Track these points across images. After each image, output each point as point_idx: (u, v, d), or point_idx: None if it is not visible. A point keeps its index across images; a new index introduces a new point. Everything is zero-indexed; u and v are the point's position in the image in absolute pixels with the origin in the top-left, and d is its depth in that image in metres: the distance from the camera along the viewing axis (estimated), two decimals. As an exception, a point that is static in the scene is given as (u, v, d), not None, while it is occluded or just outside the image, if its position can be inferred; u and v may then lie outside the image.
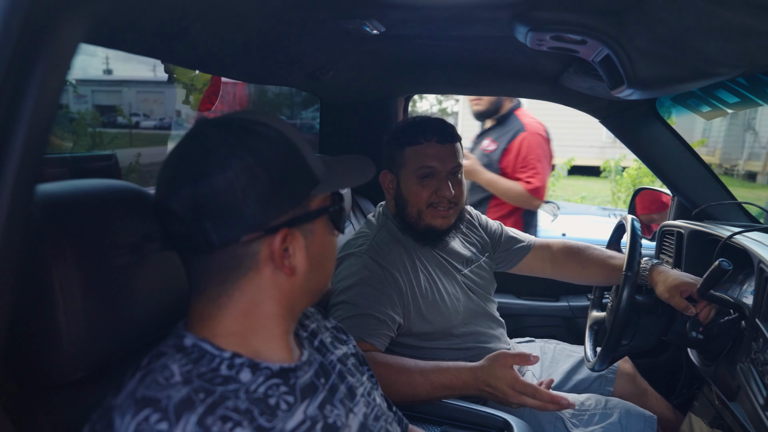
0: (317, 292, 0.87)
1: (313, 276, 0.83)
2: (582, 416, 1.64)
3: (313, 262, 0.82)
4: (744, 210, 2.04)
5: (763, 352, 1.32)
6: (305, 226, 0.80)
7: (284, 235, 0.77)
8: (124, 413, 0.65)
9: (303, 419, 0.77)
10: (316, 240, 0.82)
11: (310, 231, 0.81)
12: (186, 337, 0.77)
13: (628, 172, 7.21)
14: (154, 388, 0.67)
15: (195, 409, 0.67)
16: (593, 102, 1.98)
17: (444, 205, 1.62)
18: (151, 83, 12.65)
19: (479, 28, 1.33)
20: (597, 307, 1.97)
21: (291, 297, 0.82)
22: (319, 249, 0.83)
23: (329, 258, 0.87)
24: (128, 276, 0.82)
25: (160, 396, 0.66)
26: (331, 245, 0.87)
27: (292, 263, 0.79)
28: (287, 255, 0.78)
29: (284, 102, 15.73)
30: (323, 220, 0.84)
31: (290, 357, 0.84)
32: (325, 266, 0.86)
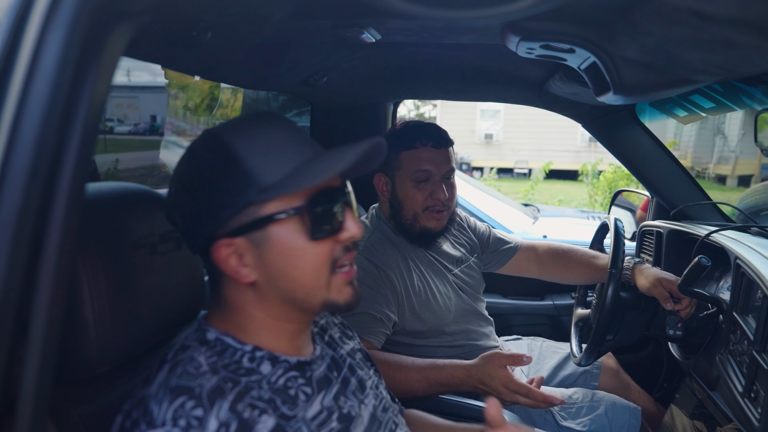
0: (300, 301, 0.81)
1: (281, 285, 0.79)
2: (570, 409, 1.71)
3: (274, 271, 0.79)
4: (719, 210, 2.13)
5: (740, 343, 1.40)
6: (254, 234, 0.77)
7: (223, 246, 0.77)
8: (161, 401, 0.69)
9: (320, 409, 0.82)
10: (272, 248, 0.77)
11: (263, 239, 0.77)
12: (209, 331, 0.81)
13: (604, 176, 7.37)
14: (186, 377, 0.71)
15: (226, 396, 0.71)
16: (576, 107, 2.06)
17: (438, 208, 1.68)
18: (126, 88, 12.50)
19: (471, 36, 1.39)
20: (582, 305, 2.04)
21: (271, 304, 0.81)
22: (277, 257, 0.78)
23: (298, 267, 0.78)
24: (149, 274, 0.86)
25: (192, 385, 0.70)
26: (298, 253, 0.78)
27: (247, 273, 0.78)
28: (243, 263, 0.78)
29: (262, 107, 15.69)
30: (283, 226, 0.77)
31: (304, 352, 0.88)
32: (292, 275, 0.79)
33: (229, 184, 0.76)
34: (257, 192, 0.76)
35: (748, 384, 1.28)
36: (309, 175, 0.76)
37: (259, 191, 0.76)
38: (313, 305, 0.82)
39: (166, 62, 1.14)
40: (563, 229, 4.08)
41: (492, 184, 9.17)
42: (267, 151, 0.78)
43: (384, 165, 1.72)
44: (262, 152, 0.78)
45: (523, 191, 8.21)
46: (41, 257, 0.52)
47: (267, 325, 0.83)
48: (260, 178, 0.76)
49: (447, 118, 18.33)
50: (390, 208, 1.74)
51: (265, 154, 0.78)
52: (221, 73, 1.37)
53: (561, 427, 1.67)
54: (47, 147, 0.51)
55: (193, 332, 0.82)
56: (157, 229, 0.89)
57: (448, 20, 1.17)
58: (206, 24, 0.99)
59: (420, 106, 24.96)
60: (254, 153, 0.78)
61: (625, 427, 1.67)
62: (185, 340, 0.80)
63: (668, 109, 1.94)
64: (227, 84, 1.46)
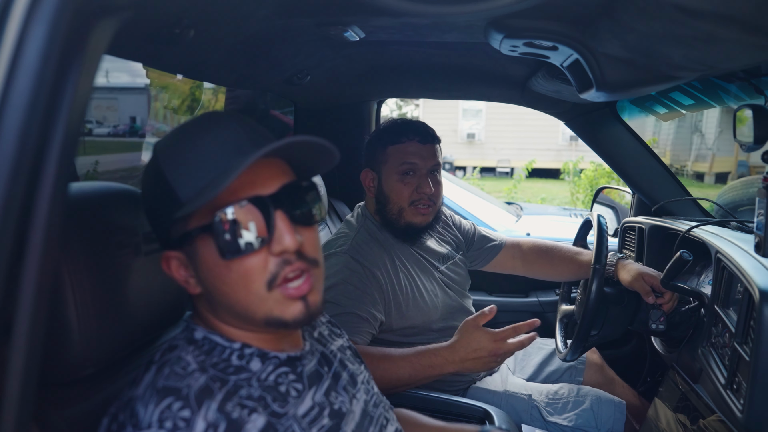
0: (243, 316, 0.78)
1: (219, 299, 0.77)
2: (556, 404, 1.72)
3: (207, 286, 0.77)
4: (699, 205, 2.17)
5: (722, 336, 1.42)
6: (184, 249, 0.76)
7: (167, 258, 0.78)
8: (147, 403, 0.68)
9: (312, 405, 0.81)
10: (201, 264, 0.75)
11: (192, 254, 0.76)
12: (196, 331, 0.80)
13: (585, 174, 7.44)
14: (174, 378, 0.70)
15: (214, 396, 0.70)
16: (559, 105, 2.07)
17: (424, 203, 1.69)
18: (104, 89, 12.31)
19: (455, 35, 1.40)
20: (566, 301, 2.05)
21: (225, 315, 0.79)
22: (206, 273, 0.76)
23: (225, 283, 0.74)
24: (134, 274, 0.85)
25: (180, 385, 0.69)
26: (221, 269, 0.74)
27: (192, 284, 0.79)
28: (190, 275, 0.78)
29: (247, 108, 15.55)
30: (205, 242, 0.74)
31: (294, 348, 0.87)
32: (224, 291, 0.75)
33: (155, 199, 0.77)
34: (177, 207, 0.73)
35: (730, 376, 1.29)
36: (211, 188, 0.70)
37: (178, 206, 0.73)
38: (256, 320, 0.77)
39: (148, 60, 1.12)
40: (546, 227, 4.11)
41: (475, 183, 9.21)
42: (187, 162, 0.75)
43: (371, 160, 1.73)
44: (182, 164, 0.75)
45: (506, 190, 8.27)
46: (24, 258, 0.51)
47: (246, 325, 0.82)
48: (178, 192, 0.74)
49: (429, 118, 18.19)
50: (376, 203, 1.74)
51: (184, 166, 0.75)
52: (204, 71, 1.36)
53: (547, 422, 1.68)
54: (30, 145, 0.50)
55: (180, 332, 0.81)
56: (141, 229, 0.88)
57: (431, 17, 1.18)
58: (189, 21, 0.98)
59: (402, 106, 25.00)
60: (175, 165, 0.75)
61: (610, 421, 1.69)
62: (173, 340, 0.79)
63: (648, 106, 1.97)
64: (210, 83, 1.44)
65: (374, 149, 1.72)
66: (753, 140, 1.15)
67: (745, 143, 1.20)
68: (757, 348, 1.18)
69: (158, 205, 0.76)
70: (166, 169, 0.75)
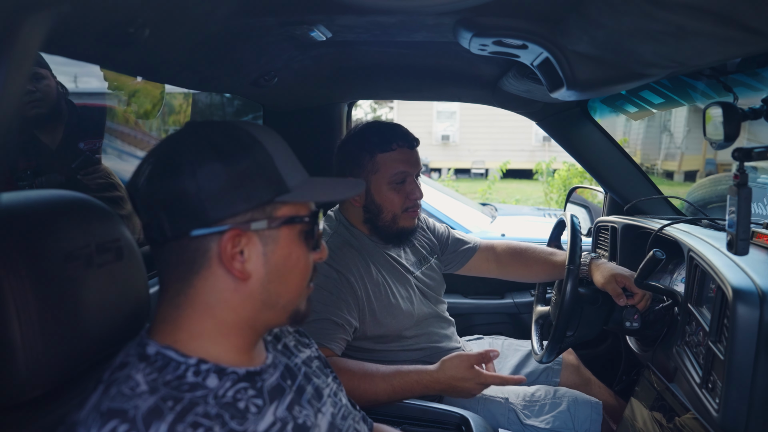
0: (280, 309, 0.83)
1: (272, 287, 0.80)
2: (533, 407, 1.70)
3: (272, 272, 0.80)
4: (670, 204, 2.18)
5: (696, 334, 1.42)
6: (265, 232, 0.78)
7: (235, 236, 0.76)
8: (90, 427, 0.63)
9: (273, 421, 0.77)
10: (278, 249, 0.80)
11: (272, 238, 0.79)
12: (149, 345, 0.75)
13: (558, 174, 7.51)
14: (120, 399, 0.66)
15: (164, 417, 0.65)
16: (530, 105, 2.07)
17: (415, 207, 1.70)
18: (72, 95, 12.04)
19: (424, 34, 1.37)
20: (541, 302, 2.05)
21: (248, 306, 0.80)
22: (280, 259, 0.80)
23: (293, 272, 0.82)
24: (85, 288, 0.80)
25: (126, 407, 0.65)
26: (297, 259, 0.82)
27: (245, 267, 0.77)
28: (241, 258, 0.77)
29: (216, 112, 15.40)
30: (292, 231, 0.81)
31: (255, 361, 0.83)
32: (287, 279, 0.82)
33: (258, 177, 0.77)
34: (280, 192, 0.78)
35: (705, 375, 1.29)
36: (325, 192, 0.85)
37: (282, 192, 0.78)
38: (286, 313, 0.84)
39: (101, 61, 1.07)
40: (521, 227, 4.13)
41: (450, 184, 9.23)
42: (287, 157, 0.82)
43: (355, 168, 1.67)
44: (284, 157, 0.82)
45: (480, 191, 8.30)
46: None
47: (227, 332, 0.79)
48: (286, 180, 0.79)
49: (404, 120, 18.30)
50: (365, 213, 1.70)
51: (286, 159, 0.82)
52: (163, 73, 1.30)
53: (525, 425, 1.66)
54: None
55: (133, 347, 0.76)
56: (94, 240, 0.83)
57: (397, 13, 1.15)
58: (144, 20, 0.93)
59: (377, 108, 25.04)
60: (280, 155, 0.81)
61: (587, 422, 1.68)
62: (124, 357, 0.75)
63: (619, 105, 1.97)
64: (171, 85, 1.39)
65: (358, 157, 1.66)
66: (723, 138, 1.14)
67: (715, 141, 1.19)
68: (731, 347, 1.17)
69: (257, 183, 0.77)
70: (274, 155, 0.79)
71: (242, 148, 0.77)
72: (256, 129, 0.81)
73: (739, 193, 1.14)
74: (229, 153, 0.76)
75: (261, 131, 0.81)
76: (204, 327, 0.78)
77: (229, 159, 0.75)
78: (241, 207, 0.76)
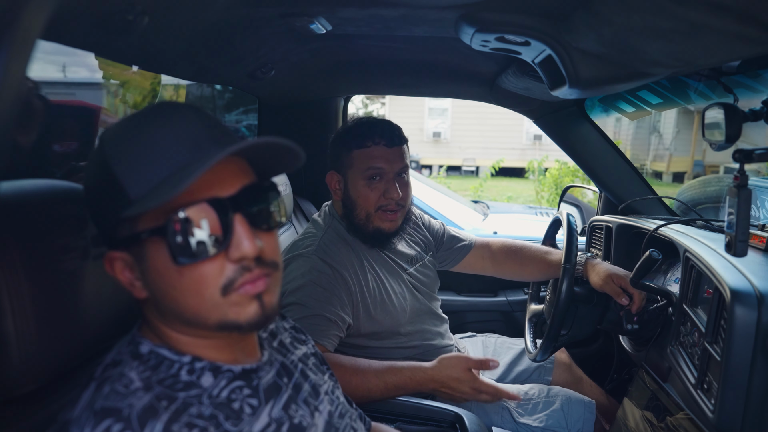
0: (193, 322, 0.72)
1: (167, 305, 0.71)
2: (527, 405, 1.70)
3: (155, 291, 0.71)
4: (664, 204, 2.19)
5: (691, 335, 1.42)
6: (133, 249, 0.70)
7: (109, 260, 0.71)
8: (83, 426, 0.61)
9: (268, 422, 0.76)
10: (150, 267, 0.69)
11: (140, 256, 0.70)
12: (142, 344, 0.74)
13: (550, 173, 7.53)
14: (114, 397, 0.64)
15: (159, 416, 0.64)
16: (528, 103, 2.06)
17: (392, 208, 1.64)
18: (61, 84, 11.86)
19: (425, 29, 1.35)
20: (535, 301, 2.04)
21: (174, 321, 0.73)
22: (155, 277, 0.70)
23: (177, 288, 0.69)
24: (80, 280, 0.78)
25: (121, 405, 0.63)
26: (175, 274, 0.68)
27: (138, 288, 0.72)
28: (136, 278, 0.72)
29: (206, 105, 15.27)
30: (156, 244, 0.68)
31: (249, 359, 0.81)
32: (174, 297, 0.70)
33: (100, 194, 0.70)
34: (125, 205, 0.67)
35: (700, 375, 1.29)
36: (167, 188, 0.65)
37: (127, 205, 0.67)
38: (208, 326, 0.72)
39: (99, 49, 1.04)
40: (513, 225, 4.13)
41: (442, 181, 9.23)
42: (138, 155, 0.69)
43: (336, 163, 1.66)
44: (133, 158, 0.69)
45: (472, 188, 8.30)
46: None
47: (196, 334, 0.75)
48: (128, 190, 0.67)
49: (395, 116, 18.23)
50: (343, 207, 1.69)
51: (135, 160, 0.68)
52: (161, 63, 1.28)
53: (518, 424, 1.66)
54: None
55: (125, 345, 0.74)
56: (90, 231, 0.81)
57: (401, 7, 1.13)
58: (144, 7, 0.91)
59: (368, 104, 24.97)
60: (124, 158, 0.69)
61: (580, 421, 1.68)
62: (117, 354, 0.72)
63: (617, 104, 1.97)
64: (168, 75, 1.36)
65: (339, 152, 1.65)
66: (724, 139, 1.14)
67: (716, 142, 1.19)
68: (728, 348, 1.18)
69: (103, 201, 0.69)
70: (114, 162, 0.68)
71: (91, 164, 0.72)
72: (111, 132, 0.71)
73: (739, 195, 1.14)
74: (88, 172, 0.72)
75: (114, 133, 0.71)
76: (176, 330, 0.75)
77: (87, 179, 0.72)
78: (105, 228, 0.71)
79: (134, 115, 0.73)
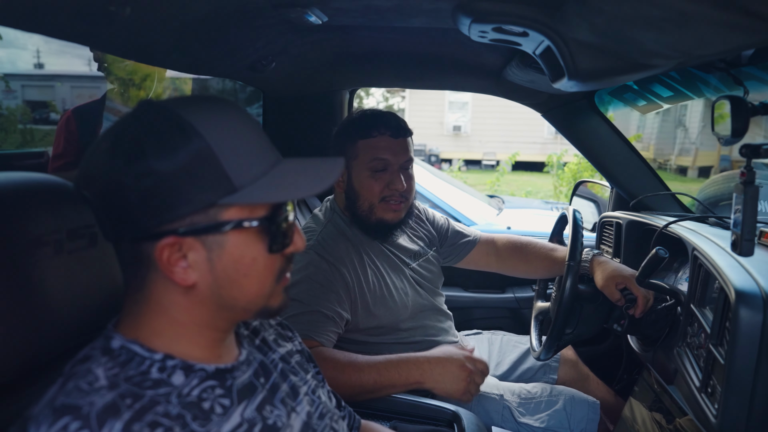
0: (241, 310, 0.77)
1: (224, 292, 0.74)
2: (528, 404, 1.67)
3: (221, 278, 0.73)
4: (678, 200, 2.12)
5: (697, 336, 1.37)
6: (209, 237, 0.71)
7: (171, 244, 0.69)
8: (40, 423, 0.60)
9: (240, 422, 0.74)
10: (226, 254, 0.72)
11: (217, 243, 0.71)
12: (114, 339, 0.72)
13: (569, 167, 7.41)
14: (76, 394, 0.63)
15: (121, 415, 0.62)
16: (535, 96, 2.01)
17: (396, 199, 1.62)
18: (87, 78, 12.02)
19: (422, 20, 1.32)
20: (542, 298, 2.00)
21: (203, 309, 0.75)
22: (229, 264, 0.72)
23: (249, 276, 0.74)
24: (52, 275, 0.77)
25: (81, 403, 0.62)
26: (252, 262, 0.74)
27: (188, 275, 0.71)
28: (184, 264, 0.71)
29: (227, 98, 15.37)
30: (245, 233, 0.72)
31: (226, 358, 0.80)
32: (241, 284, 0.74)
33: (197, 176, 0.68)
34: (226, 193, 0.69)
35: (705, 378, 1.25)
36: (286, 187, 0.72)
37: (229, 193, 0.69)
38: (250, 312, 0.79)
39: (83, 40, 1.03)
40: (527, 220, 4.08)
41: (458, 175, 9.16)
42: (238, 148, 0.71)
43: (339, 153, 1.64)
44: (233, 148, 0.70)
45: (489, 183, 8.22)
46: None
47: (188, 331, 0.75)
48: (233, 179, 0.69)
49: (415, 110, 18.33)
50: (345, 199, 1.67)
51: (236, 151, 0.71)
52: (152, 54, 1.27)
53: (519, 423, 1.63)
54: None
55: (100, 340, 0.73)
56: (65, 225, 0.80)
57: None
58: (124, -2, 0.90)
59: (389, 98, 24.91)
60: (226, 147, 0.70)
61: (584, 421, 1.64)
62: (89, 350, 0.71)
63: (627, 98, 1.91)
64: (162, 67, 1.35)
65: (343, 143, 1.64)
66: (731, 133, 1.09)
67: (723, 137, 1.14)
68: (732, 351, 1.13)
69: (198, 184, 0.68)
70: (218, 149, 0.69)
71: (176, 143, 0.68)
72: (199, 115, 0.70)
73: (746, 191, 1.09)
74: (161, 149, 0.67)
75: (205, 117, 0.71)
76: (163, 325, 0.74)
77: (161, 156, 0.67)
78: (179, 212, 0.68)
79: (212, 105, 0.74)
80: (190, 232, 0.70)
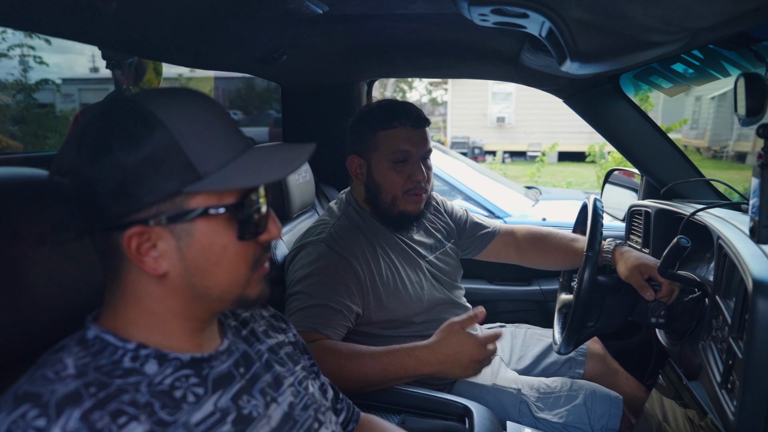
0: (216, 299, 0.77)
1: (196, 281, 0.74)
2: (547, 399, 1.62)
3: (191, 266, 0.73)
4: (712, 187, 2.01)
5: (721, 329, 1.30)
6: (177, 225, 0.71)
7: (138, 233, 0.70)
8: (0, 411, 0.61)
9: (212, 411, 0.74)
10: (195, 243, 0.72)
11: (185, 232, 0.71)
12: (89, 329, 0.74)
13: (612, 156, 7.18)
14: (40, 383, 0.64)
15: (81, 403, 0.63)
16: (555, 81, 1.94)
17: (418, 190, 1.61)
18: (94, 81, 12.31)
19: (423, 5, 1.29)
20: (565, 290, 1.94)
21: (177, 299, 0.75)
22: (199, 253, 0.73)
23: (220, 264, 0.74)
24: (34, 268, 0.78)
25: (42, 391, 0.63)
26: (223, 250, 0.73)
27: (158, 264, 0.72)
28: (154, 254, 0.71)
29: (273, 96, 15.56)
30: (213, 221, 0.72)
31: (205, 348, 0.80)
32: (213, 272, 0.74)
33: (161, 166, 0.68)
34: (191, 181, 0.69)
35: (725, 374, 1.18)
36: (252, 173, 0.71)
37: (194, 181, 0.69)
38: (227, 302, 0.78)
39: (73, 35, 1.04)
40: (563, 212, 3.97)
41: (499, 167, 9.01)
42: (203, 136, 0.71)
43: (358, 146, 1.63)
44: (198, 136, 0.71)
45: (529, 174, 8.05)
46: None
47: (163, 320, 0.76)
48: (197, 166, 0.69)
49: (458, 102, 18.14)
50: (366, 192, 1.66)
51: (201, 140, 0.71)
52: (150, 48, 1.28)
53: (537, 419, 1.58)
54: None
55: (79, 332, 0.75)
56: (49, 217, 0.82)
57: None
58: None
59: (432, 91, 24.71)
60: (191, 136, 0.70)
61: (605, 417, 1.58)
62: (67, 340, 0.73)
63: (652, 80, 1.82)
64: (165, 62, 1.36)
65: (361, 134, 1.62)
66: (745, 112, 1.02)
67: (740, 116, 1.07)
68: (750, 344, 1.06)
69: (161, 173, 0.68)
70: (181, 137, 0.69)
71: (140, 134, 0.68)
72: (163, 106, 0.71)
73: (763, 174, 1.03)
74: (126, 141, 0.68)
75: (169, 107, 0.71)
76: (138, 315, 0.75)
77: (125, 148, 0.67)
78: (144, 201, 0.69)
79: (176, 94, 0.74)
80: (157, 221, 0.70)
